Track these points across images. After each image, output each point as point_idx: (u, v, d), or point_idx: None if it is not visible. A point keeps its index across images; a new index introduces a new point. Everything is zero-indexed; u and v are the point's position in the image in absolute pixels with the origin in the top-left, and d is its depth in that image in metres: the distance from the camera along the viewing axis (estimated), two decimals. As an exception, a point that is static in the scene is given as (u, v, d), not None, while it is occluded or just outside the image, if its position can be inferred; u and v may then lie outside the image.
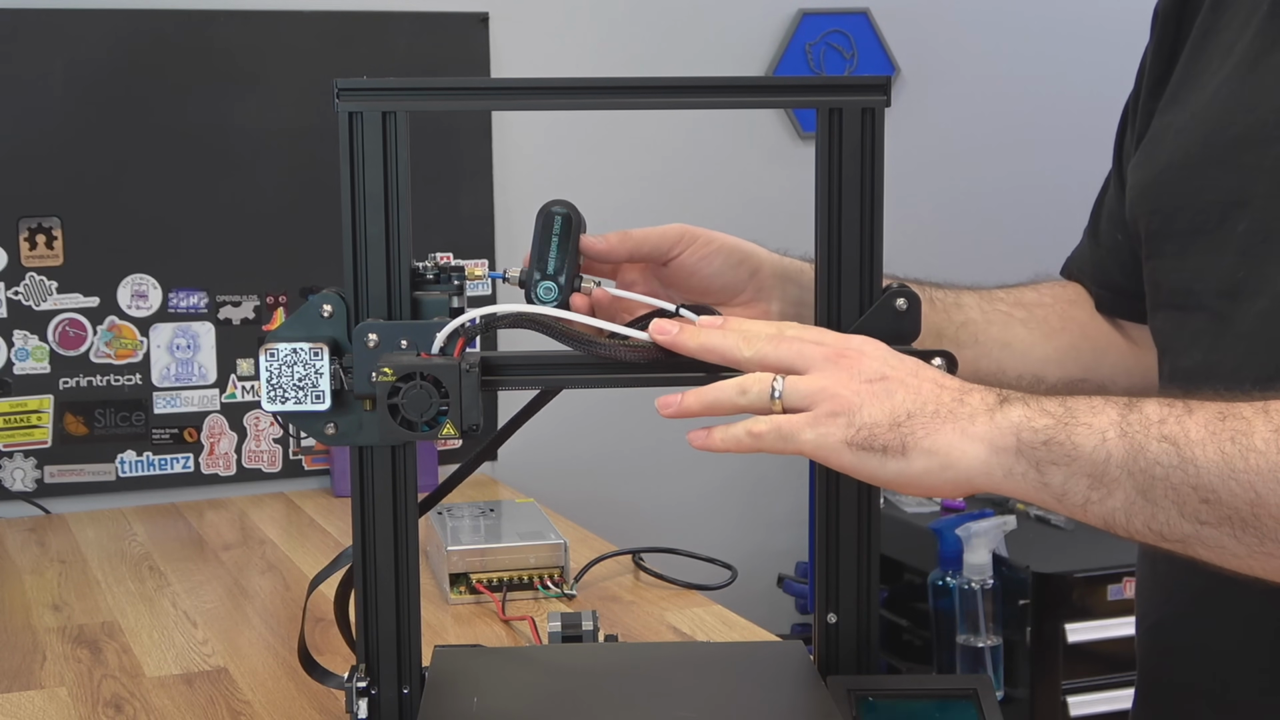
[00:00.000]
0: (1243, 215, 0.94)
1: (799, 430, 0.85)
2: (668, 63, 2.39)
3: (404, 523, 0.96)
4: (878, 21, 2.54)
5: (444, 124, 2.27)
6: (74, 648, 1.51)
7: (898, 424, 0.84)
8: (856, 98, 0.94)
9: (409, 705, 0.97)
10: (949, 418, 0.84)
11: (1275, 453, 0.76)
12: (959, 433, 0.83)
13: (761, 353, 0.88)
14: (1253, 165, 0.93)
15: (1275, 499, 0.75)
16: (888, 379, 0.86)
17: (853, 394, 0.85)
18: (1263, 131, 0.93)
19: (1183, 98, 1.03)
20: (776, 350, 0.88)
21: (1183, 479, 0.78)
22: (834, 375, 0.86)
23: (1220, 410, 0.79)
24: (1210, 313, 0.97)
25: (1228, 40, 0.99)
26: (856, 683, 0.96)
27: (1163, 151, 1.02)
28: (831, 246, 0.95)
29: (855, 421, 0.84)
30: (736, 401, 0.88)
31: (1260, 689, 0.95)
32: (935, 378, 0.87)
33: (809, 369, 0.87)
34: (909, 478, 0.84)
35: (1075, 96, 2.65)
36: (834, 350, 0.88)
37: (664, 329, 0.92)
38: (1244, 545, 0.78)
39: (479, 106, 1.78)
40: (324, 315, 0.94)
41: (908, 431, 0.83)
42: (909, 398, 0.85)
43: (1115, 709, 2.18)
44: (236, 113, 2.17)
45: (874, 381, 0.85)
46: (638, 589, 1.67)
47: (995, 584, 2.19)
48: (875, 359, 0.87)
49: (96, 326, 2.13)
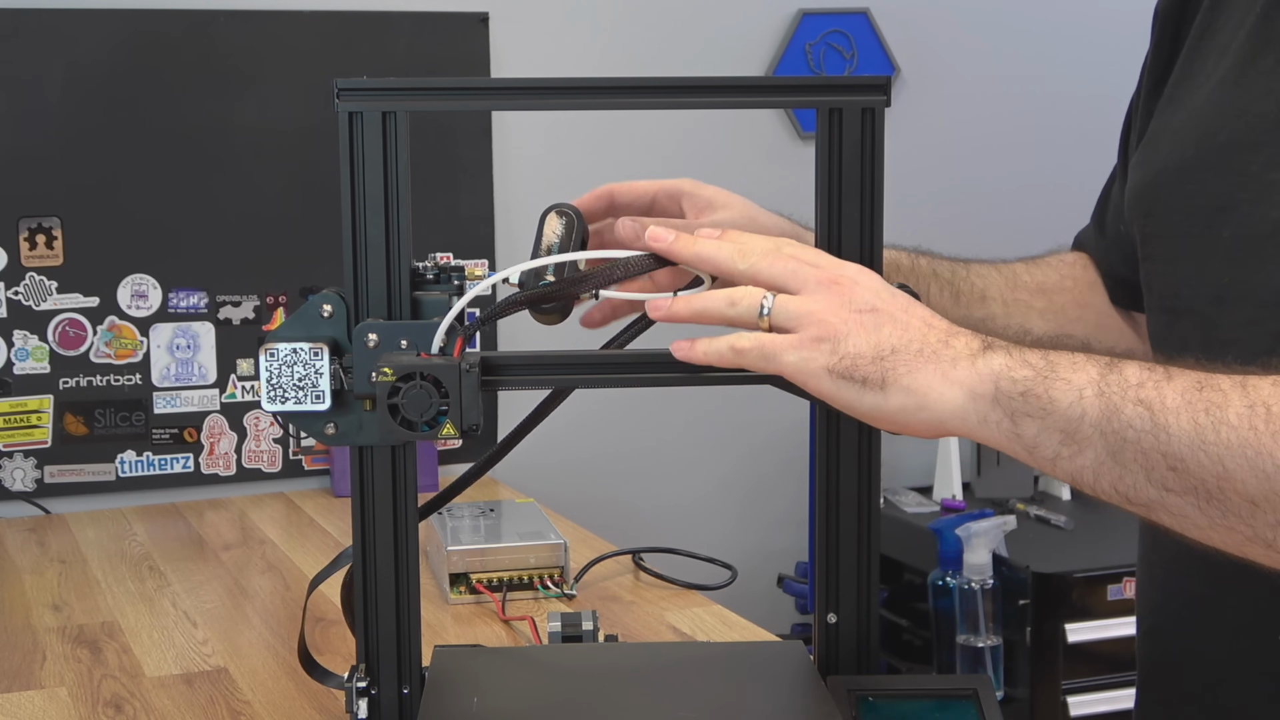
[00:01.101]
0: (1228, 221, 0.94)
1: (782, 350, 0.86)
2: (668, 63, 2.39)
3: (404, 523, 0.96)
4: (878, 21, 2.54)
5: (444, 124, 2.27)
6: (74, 648, 1.51)
7: (881, 358, 0.84)
8: (856, 98, 0.94)
9: (409, 705, 0.97)
10: (932, 358, 0.84)
11: (1247, 429, 0.75)
12: (939, 375, 0.83)
13: (756, 268, 0.88)
14: (1239, 170, 0.93)
15: (1242, 474, 0.75)
16: (878, 311, 0.86)
17: (841, 321, 0.85)
18: (1250, 136, 0.93)
19: (1180, 98, 1.03)
20: (771, 267, 0.88)
21: (1153, 445, 0.78)
22: (825, 300, 0.86)
23: (1199, 380, 0.79)
24: (1198, 318, 0.97)
25: (1223, 41, 0.99)
26: (856, 683, 0.96)
27: (1157, 154, 1.02)
28: (831, 247, 0.95)
29: (839, 349, 0.85)
30: (725, 313, 0.88)
31: (1257, 694, 0.95)
32: (924, 316, 0.87)
33: (801, 290, 0.87)
34: (884, 413, 0.84)
35: (1075, 96, 2.65)
36: (828, 275, 0.88)
37: (659, 236, 0.91)
38: (1206, 517, 0.78)
39: (479, 106, 1.78)
40: (324, 315, 0.94)
41: (889, 366, 0.84)
42: (896, 332, 0.85)
43: (1115, 709, 2.18)
44: (236, 113, 2.17)
45: (864, 312, 0.86)
46: (638, 589, 1.67)
47: (995, 584, 2.19)
48: (868, 289, 0.87)
49: (96, 326, 2.13)
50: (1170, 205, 0.99)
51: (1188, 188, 0.97)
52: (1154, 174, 1.02)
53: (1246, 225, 0.92)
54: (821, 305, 0.86)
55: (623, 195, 1.10)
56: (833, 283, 0.87)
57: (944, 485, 2.49)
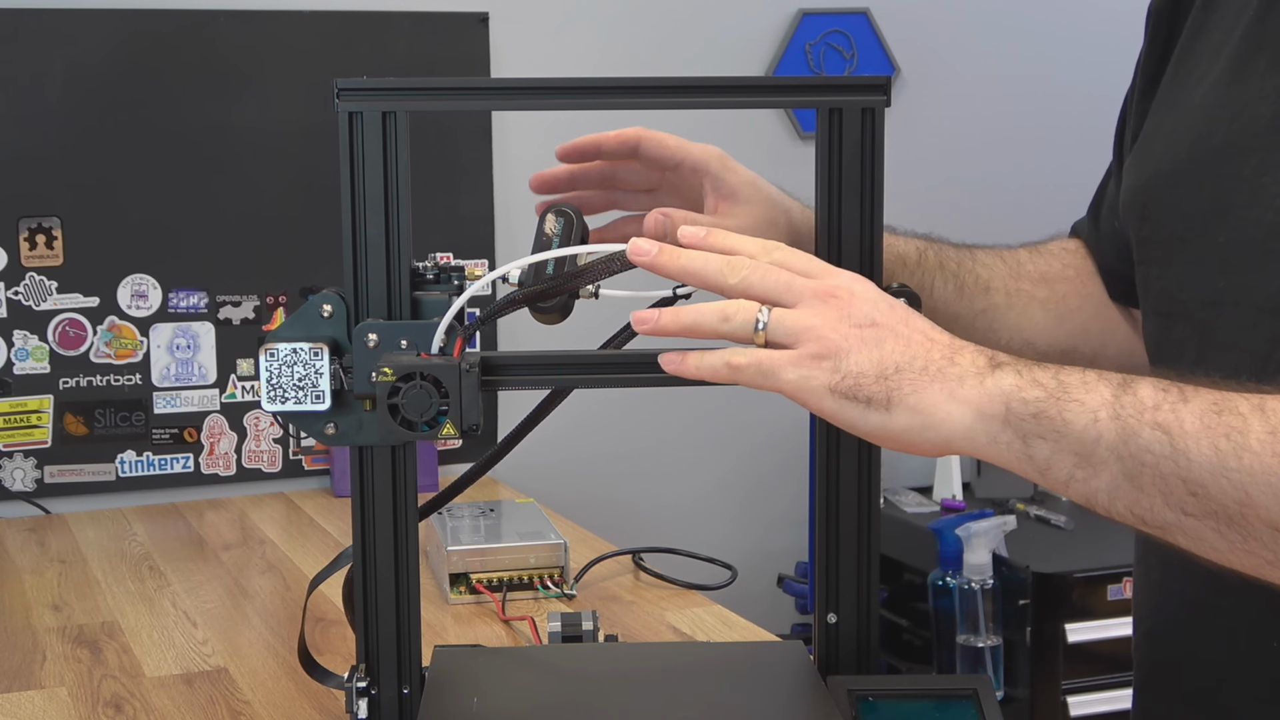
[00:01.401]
0: (1223, 225, 0.93)
1: (781, 368, 0.83)
2: (668, 63, 2.39)
3: (404, 523, 0.96)
4: (878, 21, 2.54)
5: (444, 124, 2.27)
6: (74, 648, 1.51)
7: (885, 376, 0.82)
8: (856, 98, 0.94)
9: (409, 705, 0.97)
10: (938, 376, 0.82)
11: (1270, 455, 0.75)
12: (946, 394, 0.81)
13: (747, 282, 0.85)
14: (1233, 174, 0.93)
15: (1265, 501, 0.75)
16: (878, 325, 0.83)
17: (841, 337, 0.83)
18: (1244, 140, 0.92)
19: (1173, 99, 1.03)
20: (764, 280, 0.85)
21: (1173, 469, 0.77)
22: (822, 314, 0.83)
23: (1216, 402, 0.78)
24: (1195, 321, 0.96)
25: (1216, 42, 0.99)
26: (856, 683, 0.96)
27: (1151, 156, 1.02)
28: (831, 246, 0.95)
29: (841, 368, 0.82)
30: (718, 328, 0.85)
31: (1254, 698, 0.95)
32: (925, 329, 0.85)
33: (797, 303, 0.84)
34: (890, 432, 0.82)
35: (1075, 96, 2.65)
36: (824, 287, 0.85)
37: (641, 249, 0.87)
38: (1226, 541, 0.77)
39: (479, 106, 1.77)
40: (324, 315, 0.94)
41: (894, 386, 0.81)
42: (898, 349, 0.83)
43: (1115, 709, 2.18)
44: (236, 113, 2.17)
45: (864, 327, 0.83)
46: (638, 589, 1.67)
47: (995, 584, 2.19)
48: (866, 301, 0.84)
49: (96, 326, 2.13)
50: (1165, 208, 0.99)
51: (1182, 191, 0.97)
52: (1148, 177, 1.01)
53: (1241, 229, 0.92)
54: (820, 320, 0.83)
55: (648, 147, 1.08)
56: (829, 295, 0.84)
57: (944, 485, 2.49)
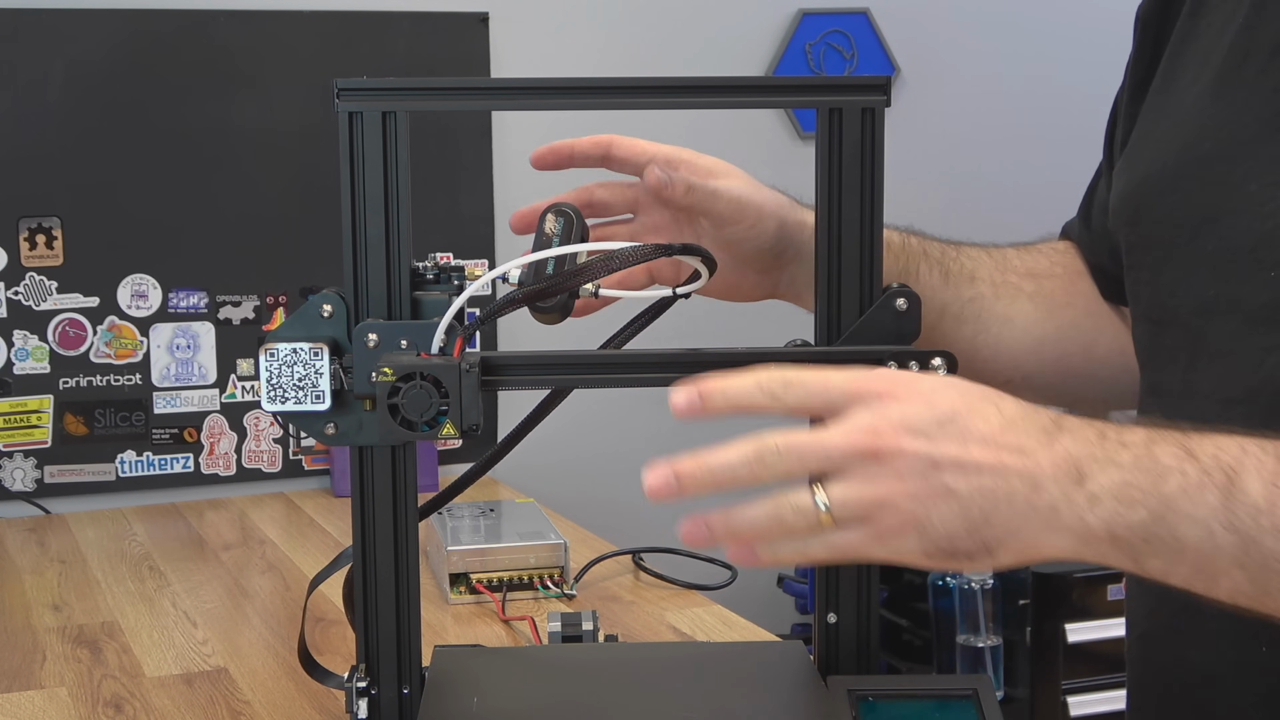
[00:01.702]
0: (1212, 233, 0.93)
1: (865, 551, 0.79)
2: (668, 63, 2.39)
3: (404, 523, 0.96)
4: (878, 21, 2.54)
5: (444, 124, 2.27)
6: (74, 648, 1.51)
7: (975, 530, 0.78)
8: (856, 98, 0.94)
9: (409, 705, 0.97)
10: (1027, 511, 0.77)
11: None
12: (1043, 526, 0.78)
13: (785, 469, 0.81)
14: (1220, 182, 0.92)
15: None
16: (939, 467, 0.77)
17: (915, 504, 0.77)
18: (1231, 148, 0.92)
19: (1161, 106, 1.02)
20: (802, 460, 0.79)
21: None
22: (880, 480, 0.78)
23: None
24: (1185, 329, 0.96)
25: (1204, 49, 0.99)
26: (856, 683, 0.96)
27: (1140, 162, 1.02)
28: (831, 246, 0.95)
29: (928, 534, 0.78)
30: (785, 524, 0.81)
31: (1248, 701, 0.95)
32: (983, 434, 0.78)
33: (846, 472, 0.78)
34: (998, 568, 0.83)
35: (1075, 96, 2.64)
36: (863, 445, 0.78)
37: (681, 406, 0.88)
38: None
39: (479, 106, 1.78)
40: (324, 315, 0.94)
41: (988, 535, 0.78)
42: (972, 490, 0.77)
43: (1115, 709, 2.18)
44: (236, 113, 2.17)
45: (927, 478, 0.77)
46: (638, 589, 1.67)
47: (995, 584, 2.19)
48: (908, 440, 0.78)
49: (96, 326, 2.13)
50: (1154, 215, 0.99)
51: (1170, 198, 0.97)
52: (1137, 183, 1.01)
53: (1229, 238, 0.92)
54: (881, 488, 0.77)
55: (620, 150, 1.08)
56: (873, 456, 0.78)
57: (944, 485, 2.48)
